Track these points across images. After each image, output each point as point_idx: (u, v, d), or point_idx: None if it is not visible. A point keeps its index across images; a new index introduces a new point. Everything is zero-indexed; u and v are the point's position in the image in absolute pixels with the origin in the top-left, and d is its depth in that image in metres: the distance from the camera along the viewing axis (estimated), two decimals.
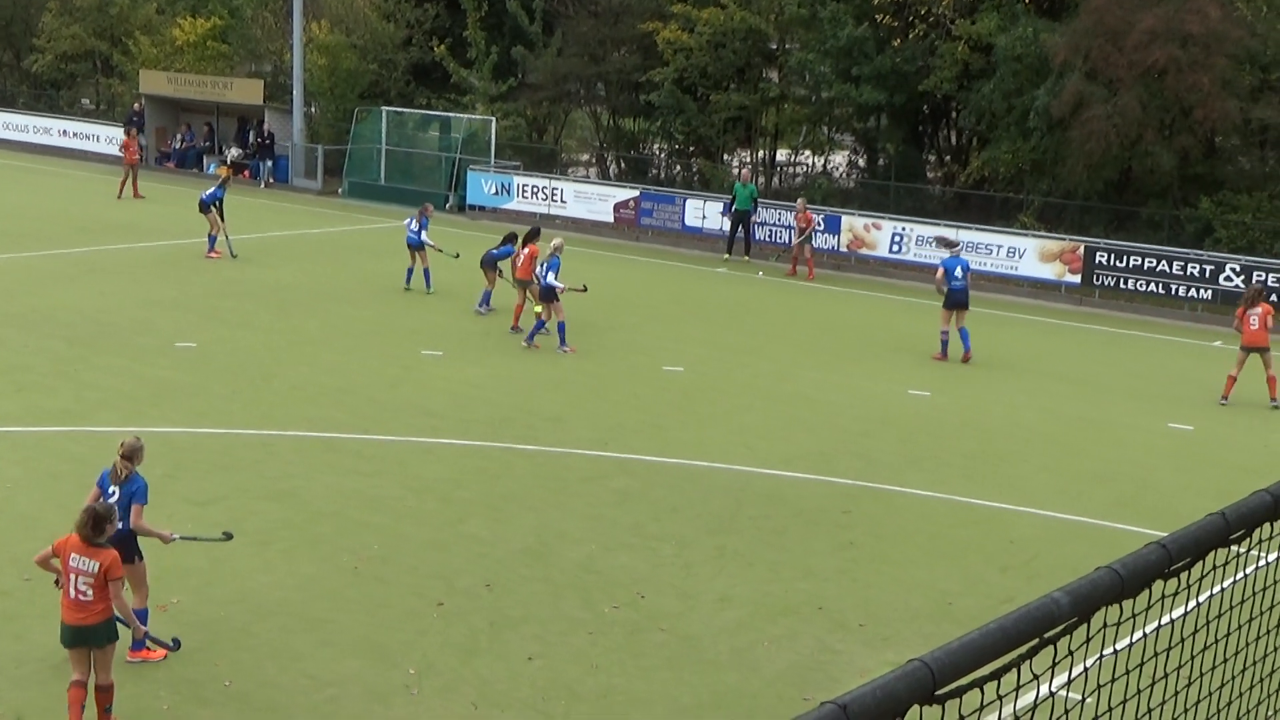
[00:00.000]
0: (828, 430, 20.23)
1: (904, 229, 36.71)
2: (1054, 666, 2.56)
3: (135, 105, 51.70)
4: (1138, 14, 34.48)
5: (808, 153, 48.19)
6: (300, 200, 44.78)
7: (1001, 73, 37.78)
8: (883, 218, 37.53)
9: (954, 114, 44.21)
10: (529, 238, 26.40)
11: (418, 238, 28.99)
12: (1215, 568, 3.14)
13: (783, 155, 49.01)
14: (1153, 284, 33.15)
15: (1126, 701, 3.27)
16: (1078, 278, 34.13)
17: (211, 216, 31.82)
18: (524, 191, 42.86)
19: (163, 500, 15.33)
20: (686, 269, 35.31)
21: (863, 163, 47.29)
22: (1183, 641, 3.73)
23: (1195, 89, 33.97)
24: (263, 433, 18.35)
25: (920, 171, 44.69)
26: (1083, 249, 34.18)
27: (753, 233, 37.54)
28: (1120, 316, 32.11)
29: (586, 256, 35.82)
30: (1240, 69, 35.36)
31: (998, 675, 2.31)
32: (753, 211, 37.33)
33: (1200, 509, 12.81)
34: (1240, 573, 3.92)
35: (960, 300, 25.24)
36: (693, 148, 47.55)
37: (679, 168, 48.23)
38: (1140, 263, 33.30)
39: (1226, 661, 4.21)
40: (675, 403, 21.39)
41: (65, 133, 53.96)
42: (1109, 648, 3.01)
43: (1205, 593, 3.63)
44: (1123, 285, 33.50)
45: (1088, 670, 3.04)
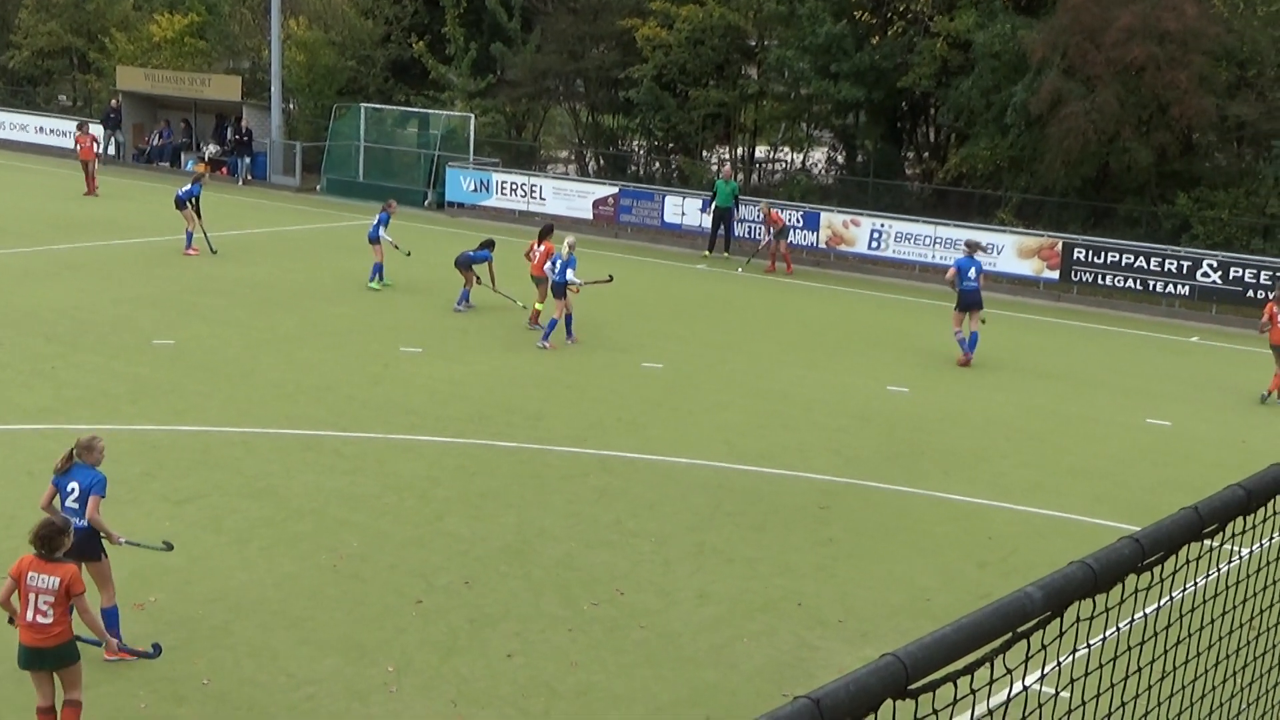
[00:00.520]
0: (806, 426, 20.24)
1: (882, 226, 36.76)
2: (1027, 661, 2.57)
3: (112, 102, 51.59)
4: (1115, 11, 34.59)
5: (786, 149, 48.24)
6: (278, 197, 44.66)
7: (980, 69, 37.86)
8: (861, 214, 37.56)
9: (932, 111, 44.28)
10: (543, 235, 26.48)
11: (375, 232, 29.09)
12: (1189, 562, 3.17)
13: (762, 152, 49.06)
14: (1130, 280, 33.26)
15: (1100, 696, 3.29)
16: (1056, 274, 34.23)
17: (188, 213, 31.76)
18: (503, 188, 42.80)
19: (141, 498, 15.36)
20: (666, 265, 35.31)
21: (841, 159, 47.34)
22: (1155, 636, 3.75)
23: (1172, 86, 34.08)
24: (241, 430, 18.31)
25: (899, 168, 44.76)
26: (1061, 245, 34.27)
27: (733, 229, 37.54)
28: (1098, 312, 32.21)
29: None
30: (1217, 66, 35.49)
31: (971, 670, 2.32)
32: (734, 208, 37.33)
33: (1178, 505, 12.88)
34: (1214, 567, 3.94)
35: (974, 301, 24.85)
36: (672, 144, 47.56)
37: (658, 164, 48.23)
38: (1118, 259, 33.41)
39: (1200, 655, 4.23)
40: (654, 399, 21.40)
41: (42, 129, 53.74)
42: (1083, 642, 3.03)
43: (1179, 587, 3.65)
44: (1100, 281, 33.61)
45: (1061, 664, 3.06)
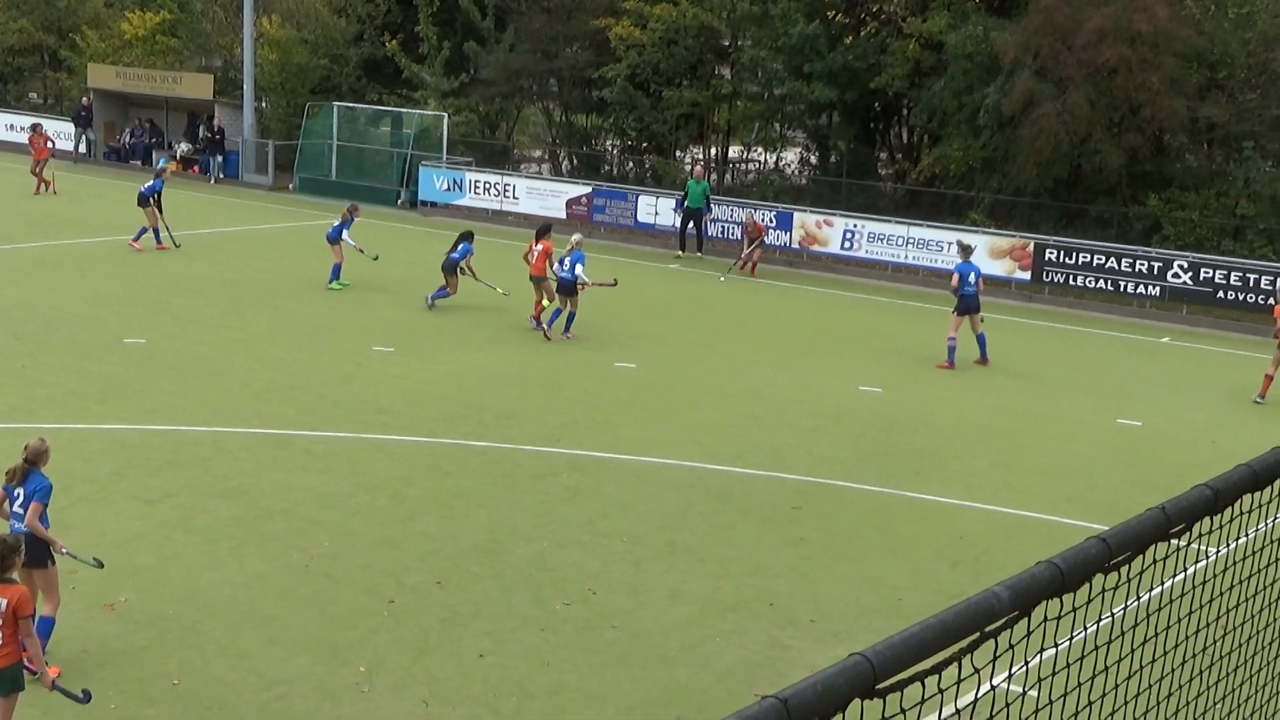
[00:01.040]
0: (779, 427, 20.27)
1: (855, 226, 36.83)
2: (995, 660, 2.58)
3: (84, 100, 51.30)
4: (1087, 13, 34.72)
5: (760, 149, 48.26)
6: (251, 196, 44.52)
7: (952, 71, 37.97)
8: (834, 214, 37.63)
9: (905, 111, 44.41)
10: (540, 233, 26.56)
11: (336, 233, 28.82)
12: (1155, 561, 3.18)
13: (735, 152, 49.07)
14: (1101, 280, 33.41)
15: (1067, 695, 3.30)
16: (1028, 274, 34.34)
17: (150, 210, 31.63)
18: (476, 188, 42.75)
19: (111, 498, 15.29)
20: (639, 265, 35.27)
21: (814, 159, 47.37)
22: (1123, 635, 3.76)
23: (1144, 88, 34.23)
24: (212, 430, 18.24)
25: (872, 168, 44.85)
26: (1032, 246, 34.40)
27: (705, 229, 37.52)
28: (1069, 313, 32.34)
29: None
30: (1188, 68, 35.66)
31: (939, 669, 2.32)
32: (705, 209, 37.34)
33: (1148, 505, 12.92)
34: (1181, 567, 3.96)
35: (974, 305, 25.10)
36: (645, 144, 47.57)
37: (631, 164, 48.22)
38: (1089, 259, 33.55)
39: (1166, 654, 4.25)
40: (627, 399, 21.40)
41: (13, 127, 53.36)
42: (1050, 642, 3.04)
43: (1147, 587, 3.66)
44: (1072, 282, 33.75)
45: (1029, 664, 3.07)
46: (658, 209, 39.57)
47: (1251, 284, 31.79)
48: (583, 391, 21.66)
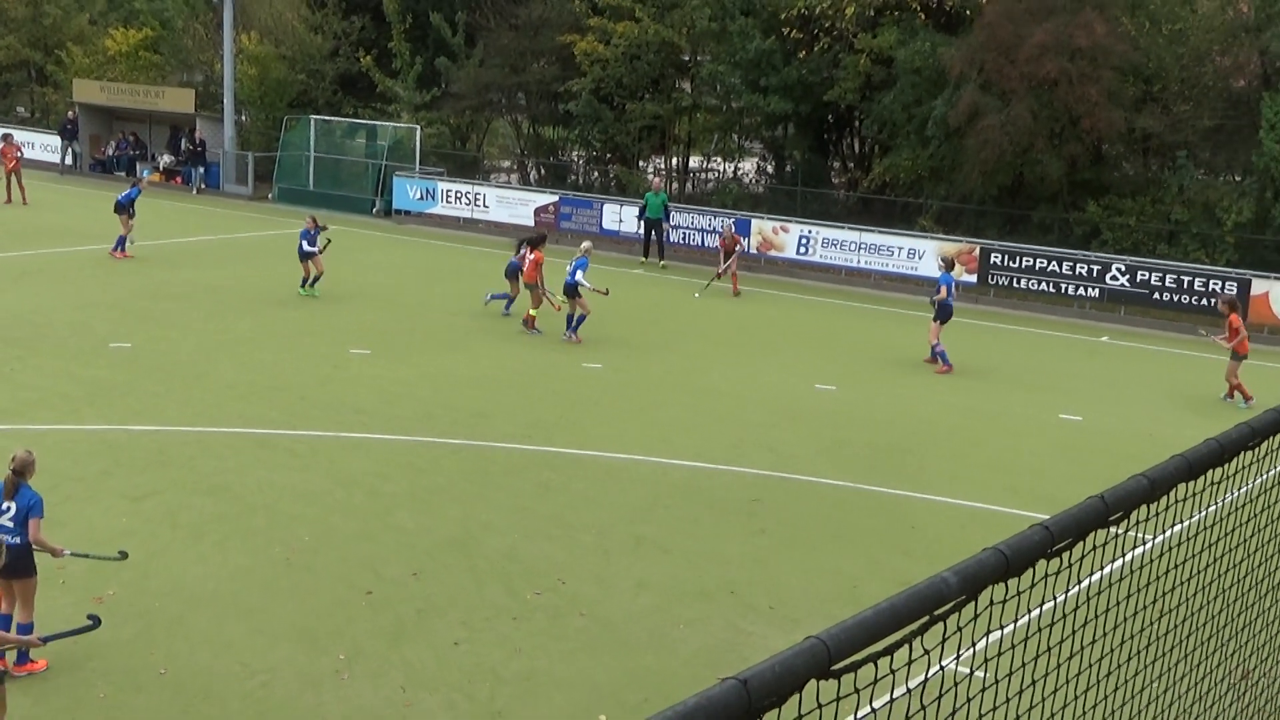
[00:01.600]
0: (739, 424, 20.30)
1: (810, 232, 36.95)
2: (944, 642, 2.60)
3: (69, 113, 50.94)
4: (1028, 29, 34.89)
5: (719, 159, 48.33)
6: (232, 205, 44.32)
7: (901, 84, 38.12)
8: (790, 221, 37.74)
9: (857, 123, 44.53)
10: (534, 243, 26.54)
11: (307, 247, 28.11)
12: (1095, 548, 3.21)
13: (695, 162, 49.14)
14: (1044, 283, 33.60)
15: (1012, 675, 3.33)
16: (974, 277, 34.48)
17: (125, 218, 31.33)
18: (448, 197, 42.68)
19: (99, 496, 15.20)
20: (604, 271, 35.18)
21: (771, 169, 47.47)
22: (1065, 618, 3.80)
23: (1083, 100, 34.44)
24: (196, 430, 18.15)
25: (825, 177, 44.94)
26: (978, 250, 34.57)
27: (666, 237, 37.52)
28: (1014, 314, 32.50)
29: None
30: (1125, 81, 35.89)
31: (890, 651, 2.34)
32: (665, 219, 37.38)
33: (1085, 495, 13.02)
34: (1120, 553, 3.99)
35: (951, 313, 25.19)
36: (609, 155, 47.55)
37: (596, 174, 48.21)
38: (1032, 263, 33.74)
39: (1106, 636, 4.28)
40: (594, 398, 21.40)
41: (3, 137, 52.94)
42: (996, 625, 3.06)
43: (1087, 571, 3.70)
44: (1016, 284, 33.92)
45: (976, 646, 3.09)
46: (621, 216, 39.60)
47: (1185, 286, 32.02)
48: (551, 391, 21.65)
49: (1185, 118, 35.85)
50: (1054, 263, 33.59)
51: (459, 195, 42.61)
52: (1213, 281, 31.78)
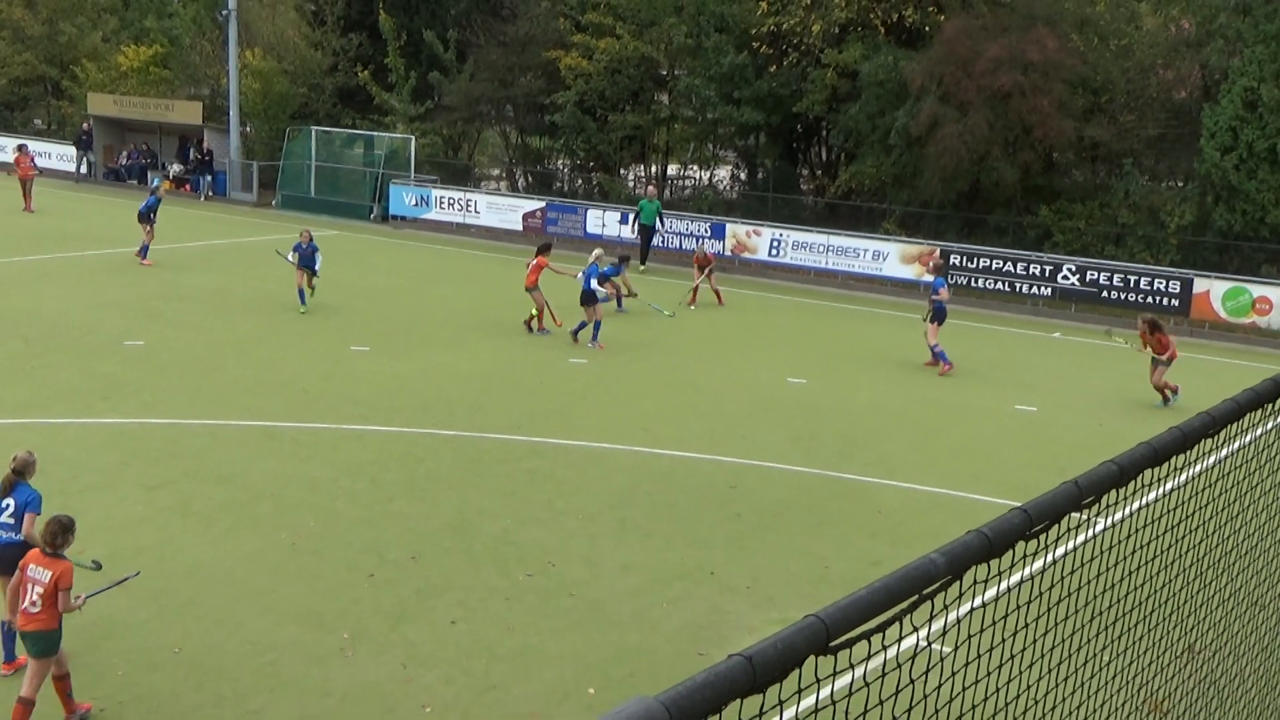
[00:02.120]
0: (716, 415, 20.29)
1: (781, 235, 36.96)
2: (931, 619, 2.59)
3: (84, 125, 50.72)
4: (984, 44, 34.98)
5: (695, 167, 48.38)
6: (237, 211, 44.15)
7: (866, 96, 38.16)
8: (762, 225, 37.74)
9: (824, 132, 44.59)
10: (540, 250, 26.19)
11: (309, 260, 26.41)
12: (1067, 530, 3.20)
13: (673, 169, 49.15)
14: (999, 282, 33.66)
15: (993, 650, 3.32)
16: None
17: (146, 226, 31.04)
18: (441, 203, 42.59)
19: (116, 485, 15.12)
20: None
21: (744, 176, 47.51)
22: (1041, 595, 3.79)
23: (1035, 111, 34.54)
24: (207, 422, 18.06)
25: (795, 184, 44.96)
26: (938, 252, 34.62)
27: (652, 243, 37.14)
28: (971, 311, 32.51)
29: (498, 261, 35.68)
30: (1074, 93, 36.00)
31: (883, 628, 2.33)
32: (658, 225, 37.05)
33: (1043, 480, 12.99)
34: (1090, 535, 3.99)
35: (945, 315, 24.69)
36: (593, 163, 47.50)
37: (581, 181, 48.16)
38: (988, 264, 33.81)
39: (1077, 613, 4.28)
40: (579, 392, 21.36)
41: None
42: (980, 602, 3.05)
43: (1054, 551, 3.69)
44: (973, 284, 33.97)
45: (960, 621, 3.08)
46: (605, 221, 39.55)
47: (1132, 285, 32.12)
48: (540, 385, 21.60)
49: (1131, 127, 36.00)
50: (1009, 263, 33.65)
51: (452, 201, 42.51)
52: (1158, 280, 31.89)
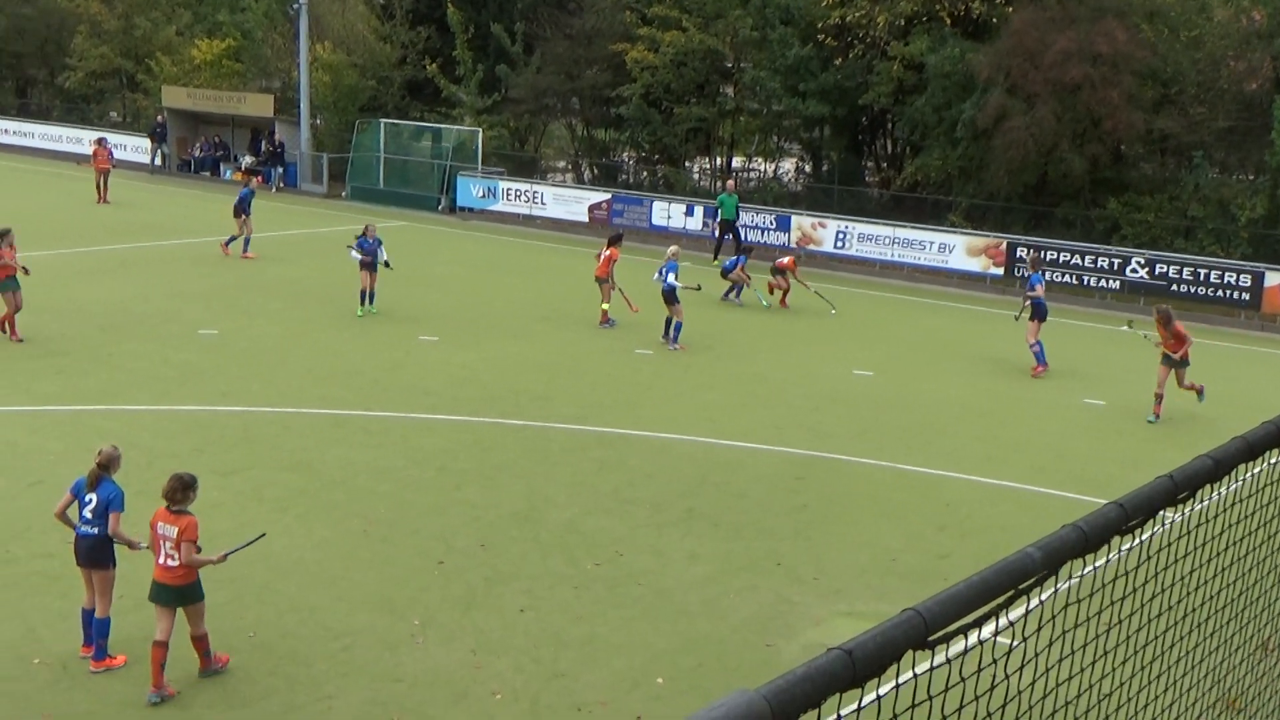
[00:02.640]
0: (781, 406, 20.21)
1: (846, 227, 36.77)
2: (1027, 614, 2.55)
3: (159, 118, 51.32)
4: (1053, 36, 34.58)
5: (760, 159, 48.20)
6: (307, 203, 44.51)
7: (932, 88, 37.85)
8: (827, 217, 37.56)
9: (890, 125, 44.29)
10: (611, 241, 26.11)
11: (372, 253, 25.38)
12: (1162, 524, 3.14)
13: (738, 162, 49.00)
14: (1067, 275, 33.28)
15: (1087, 645, 3.27)
16: (1001, 270, 34.23)
17: (242, 219, 31.09)
18: (508, 195, 42.73)
19: (190, 471, 15.24)
20: (653, 264, 35.14)
21: (808, 168, 47.29)
22: (1104, 587, 3.72)
23: (1104, 103, 34.12)
24: (279, 410, 18.23)
25: (860, 176, 44.71)
26: (1005, 244, 34.29)
27: (726, 239, 36.02)
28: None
29: (564, 253, 35.76)
30: (1144, 85, 35.52)
31: (979, 623, 2.29)
32: (737, 218, 36.30)
33: (1112, 474, 12.83)
34: (1186, 528, 3.91)
35: (1046, 311, 23.70)
36: (658, 155, 47.47)
37: (646, 173, 48.15)
38: (1056, 257, 33.43)
39: (1143, 607, 4.20)
40: (646, 382, 21.35)
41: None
42: (1075, 597, 3.00)
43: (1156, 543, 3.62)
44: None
45: (1027, 615, 3.01)
46: (670, 213, 39.54)
47: (1201, 278, 31.68)
48: (607, 375, 21.62)
49: (1201, 119, 35.42)
50: (1076, 256, 33.28)
51: (518, 193, 42.64)
52: (1228, 274, 31.43)
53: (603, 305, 25.64)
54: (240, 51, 53.88)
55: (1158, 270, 32.21)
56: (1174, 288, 31.94)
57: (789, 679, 1.83)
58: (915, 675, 2.44)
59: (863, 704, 2.15)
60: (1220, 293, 31.07)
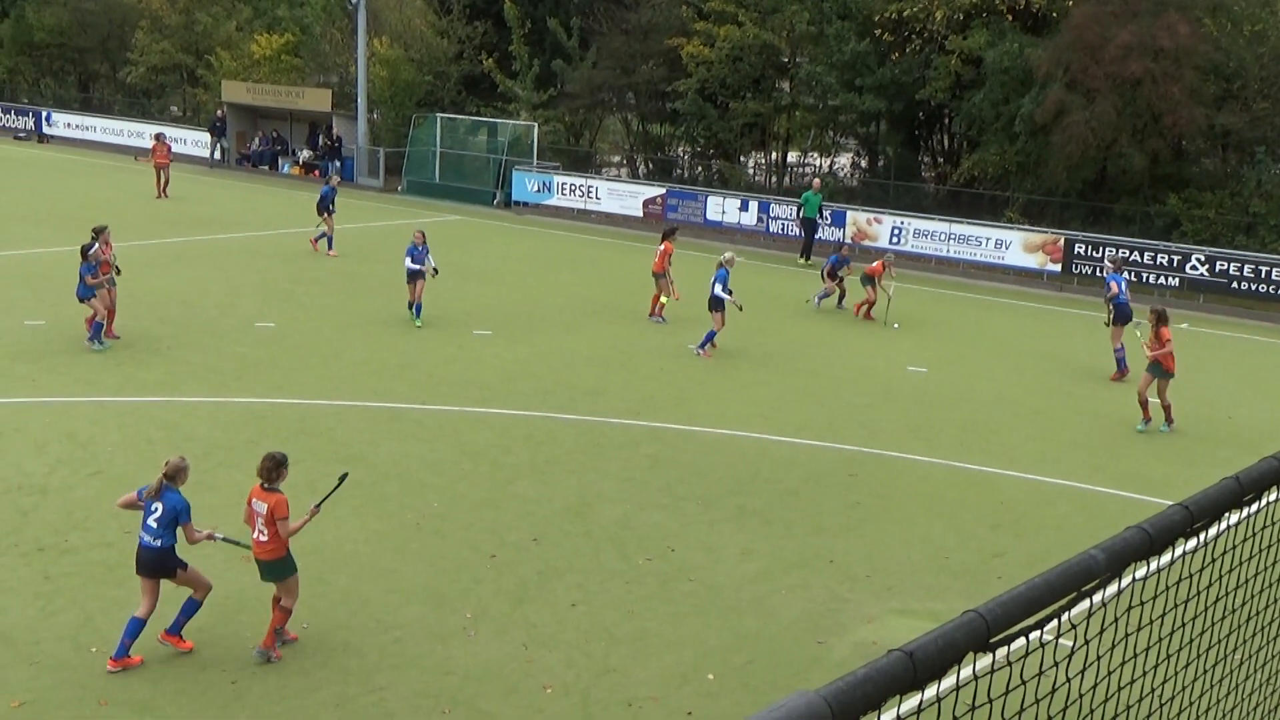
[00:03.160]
0: (835, 402, 20.11)
1: (902, 223, 36.55)
2: (1089, 617, 2.49)
3: (218, 112, 51.80)
4: (1114, 30, 34.19)
5: (815, 154, 48.00)
6: (365, 196, 44.74)
7: (990, 83, 37.54)
8: (883, 213, 37.35)
9: (947, 120, 43.95)
10: (665, 236, 26.04)
11: (419, 262, 24.13)
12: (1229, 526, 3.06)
13: (793, 157, 48.84)
14: (1126, 272, 32.81)
15: (1115, 647, 3.18)
16: (1058, 266, 33.90)
17: (325, 215, 31.18)
18: (563, 189, 42.79)
19: (246, 463, 15.28)
20: (707, 259, 35.05)
21: (864, 163, 47.09)
22: (1167, 590, 3.64)
23: (1165, 98, 33.70)
24: (334, 403, 18.33)
25: (916, 171, 44.44)
26: (1063, 241, 33.96)
27: (816, 236, 35.61)
28: (1097, 301, 31.70)
29: (619, 247, 35.76)
30: (1206, 80, 35.05)
31: (1041, 625, 2.24)
32: (820, 217, 35.71)
33: (1168, 473, 12.65)
34: (1251, 531, 3.83)
35: (1130, 314, 22.82)
36: (713, 150, 47.39)
37: (700, 168, 48.08)
38: (1115, 253, 33.04)
39: (1207, 609, 4.12)
40: (698, 378, 21.30)
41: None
42: (1137, 600, 2.93)
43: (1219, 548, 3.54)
44: (1099, 273, 33.21)
45: (1118, 620, 2.96)
46: (724, 208, 39.47)
47: (1263, 275, 31.24)
48: (660, 370, 21.59)
49: (1264, 115, 34.92)
50: (1135, 253, 32.90)
51: (573, 188, 42.70)
52: None
53: (662, 299, 25.61)
54: (299, 46, 54.33)
55: (1218, 267, 31.79)
56: (1235, 285, 31.53)
57: (849, 680, 1.79)
58: (976, 677, 2.39)
59: (923, 705, 2.11)
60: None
